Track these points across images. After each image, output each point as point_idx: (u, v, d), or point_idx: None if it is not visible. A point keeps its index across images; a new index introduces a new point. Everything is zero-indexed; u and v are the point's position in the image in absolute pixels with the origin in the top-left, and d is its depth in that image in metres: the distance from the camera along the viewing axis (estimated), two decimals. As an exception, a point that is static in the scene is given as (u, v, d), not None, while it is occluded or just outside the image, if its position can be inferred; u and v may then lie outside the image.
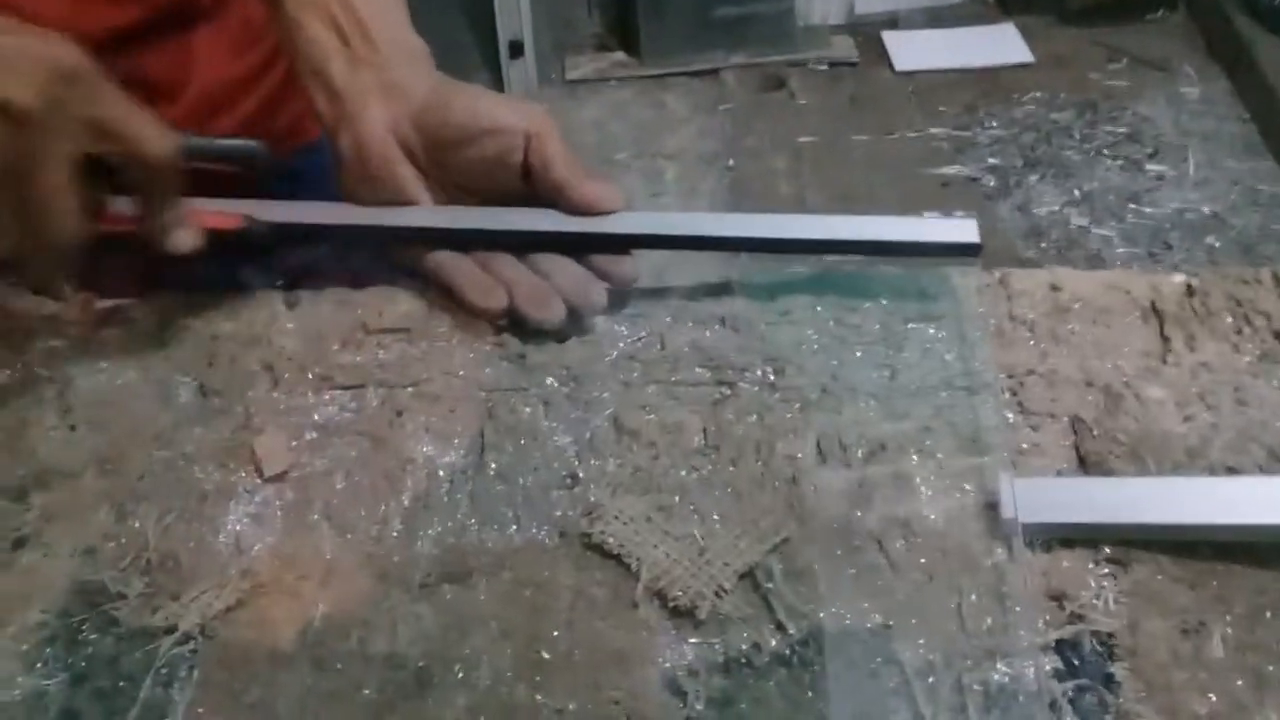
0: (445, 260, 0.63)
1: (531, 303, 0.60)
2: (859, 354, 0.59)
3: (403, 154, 0.63)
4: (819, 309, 0.62)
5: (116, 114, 0.54)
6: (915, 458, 0.53)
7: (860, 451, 0.54)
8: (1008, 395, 0.56)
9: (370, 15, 0.64)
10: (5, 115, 0.49)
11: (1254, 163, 2.50)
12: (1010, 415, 0.55)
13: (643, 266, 0.65)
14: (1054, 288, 0.62)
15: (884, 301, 0.62)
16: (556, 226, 0.62)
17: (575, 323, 0.61)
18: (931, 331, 0.60)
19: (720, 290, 0.64)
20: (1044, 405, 0.56)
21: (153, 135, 0.56)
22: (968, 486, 0.52)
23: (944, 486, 0.52)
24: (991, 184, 2.34)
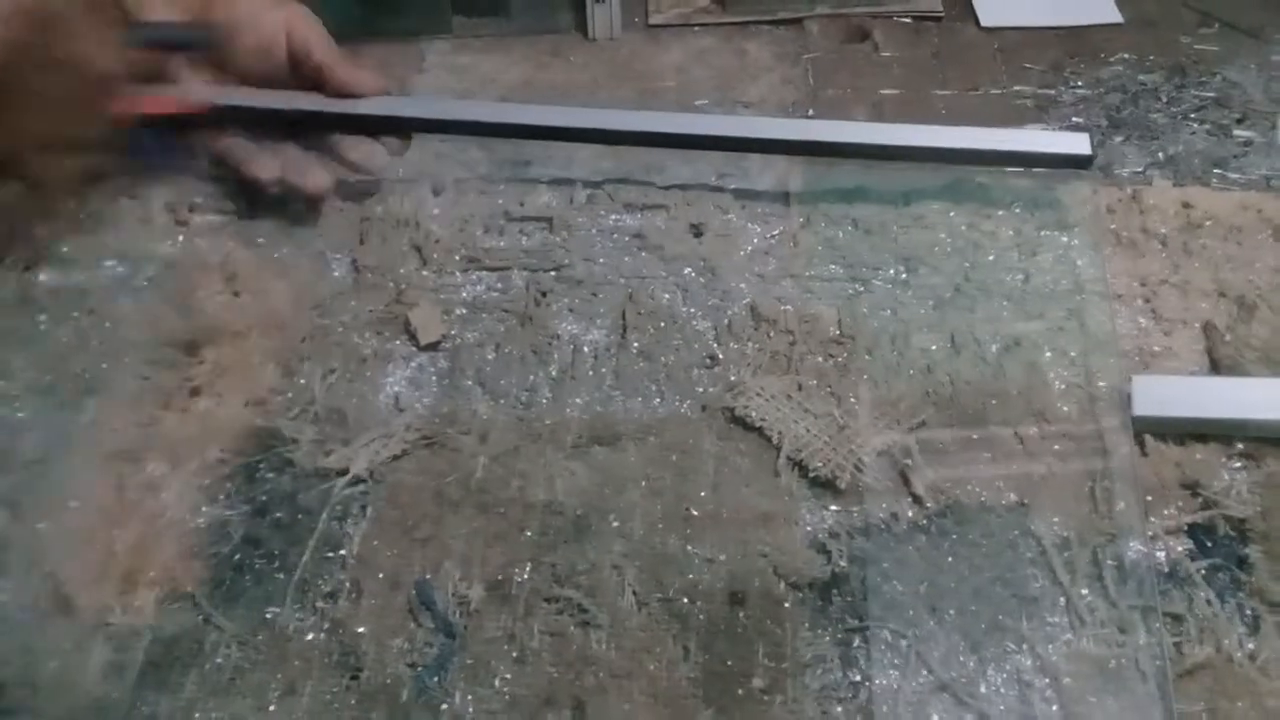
0: (226, 141, 0.66)
1: (298, 172, 0.64)
2: (992, 258, 0.60)
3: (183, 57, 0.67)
4: (952, 214, 0.63)
5: (81, 18, 0.58)
6: (1049, 354, 0.55)
7: (994, 347, 0.55)
8: (1140, 302, 0.58)
9: None
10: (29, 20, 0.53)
11: (1350, 132, 2.45)
12: (1142, 320, 0.57)
13: (776, 172, 0.66)
14: (1186, 204, 0.63)
15: (1016, 210, 0.63)
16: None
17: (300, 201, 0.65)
18: (1064, 239, 0.61)
19: (851, 195, 0.66)
20: (1176, 312, 0.57)
21: (108, 48, 0.60)
22: (1101, 383, 0.53)
23: (1077, 381, 0.53)
24: (1078, 143, 2.32)
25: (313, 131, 0.67)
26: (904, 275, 0.60)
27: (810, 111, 0.76)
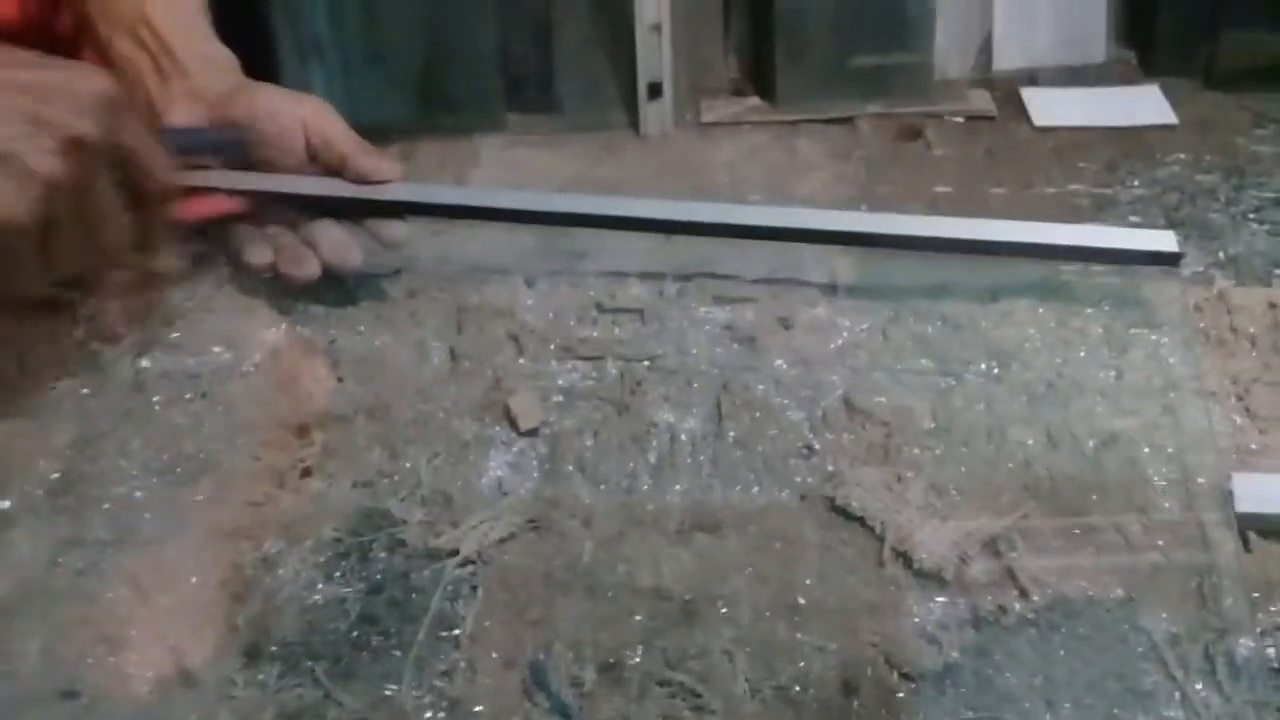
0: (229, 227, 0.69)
1: (289, 261, 0.67)
2: (1083, 354, 0.62)
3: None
4: (1040, 311, 0.64)
5: (140, 141, 0.60)
6: (1146, 449, 0.55)
7: (1091, 442, 0.56)
8: (1233, 400, 0.58)
9: (171, 35, 0.72)
10: (74, 151, 0.53)
11: (1407, 234, 2.44)
12: (1237, 419, 0.57)
13: (861, 267, 0.68)
14: (1272, 304, 0.64)
15: (1104, 307, 0.64)
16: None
17: (338, 279, 0.68)
18: (1154, 338, 0.62)
19: (938, 291, 0.67)
20: (1271, 410, 0.58)
21: (163, 163, 0.61)
22: (1200, 480, 0.54)
23: (1176, 478, 0.54)
24: (1132, 243, 2.33)
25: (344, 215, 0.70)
26: (995, 370, 0.61)
27: (864, 208, 0.78)
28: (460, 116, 0.98)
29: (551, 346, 0.66)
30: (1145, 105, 0.95)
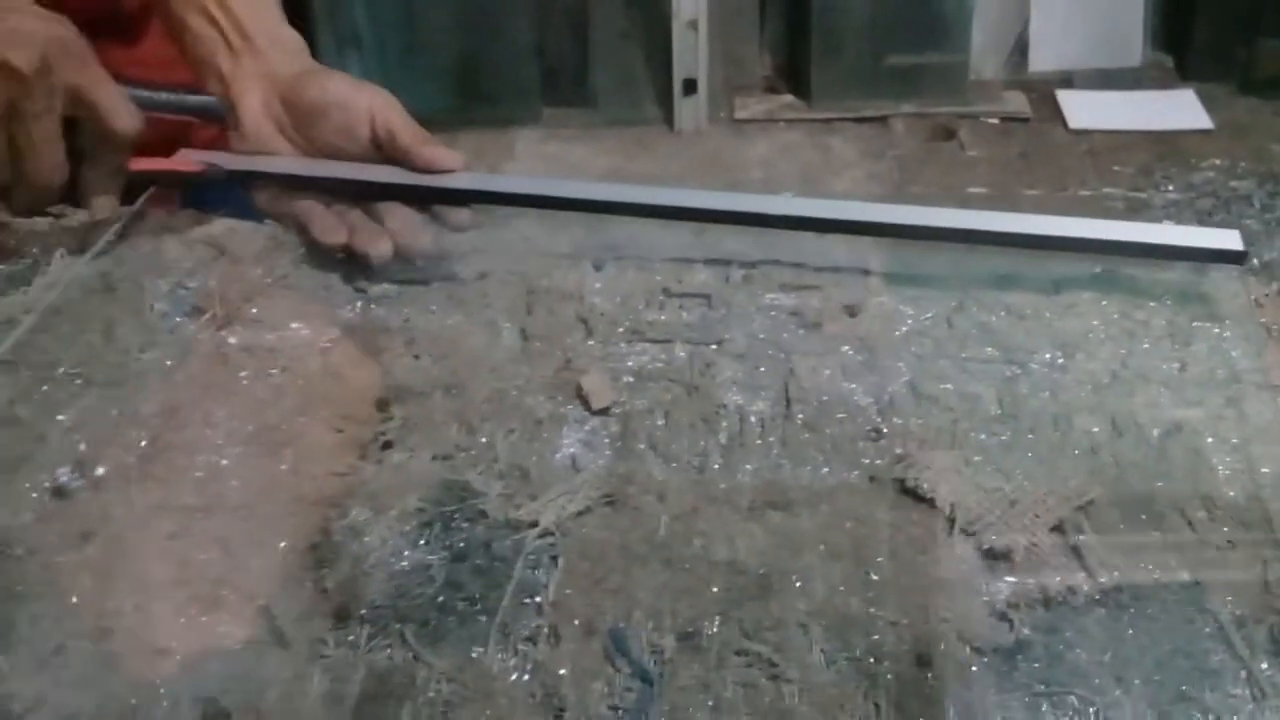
0: (300, 204, 0.72)
1: (364, 239, 0.69)
2: (1146, 346, 0.63)
3: (275, 128, 0.73)
4: (1104, 304, 0.65)
5: (96, 86, 0.67)
6: (1210, 440, 0.56)
7: (1156, 431, 0.57)
8: (1297, 393, 0.59)
9: (244, 14, 0.75)
10: (5, 73, 0.61)
11: None
12: (1301, 411, 0.58)
13: (926, 258, 0.70)
14: (1335, 301, 0.65)
15: (1167, 301, 0.65)
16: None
17: (407, 260, 0.70)
18: (1216, 331, 0.63)
19: (1002, 282, 0.68)
20: (1335, 404, 0.58)
21: (122, 111, 0.68)
22: (1265, 469, 0.55)
23: (1242, 469, 0.55)
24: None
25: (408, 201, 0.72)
26: (1060, 360, 0.62)
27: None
28: (496, 109, 0.99)
29: (620, 329, 0.67)
30: (1181, 109, 0.95)
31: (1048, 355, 0.62)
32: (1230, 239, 0.64)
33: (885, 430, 0.59)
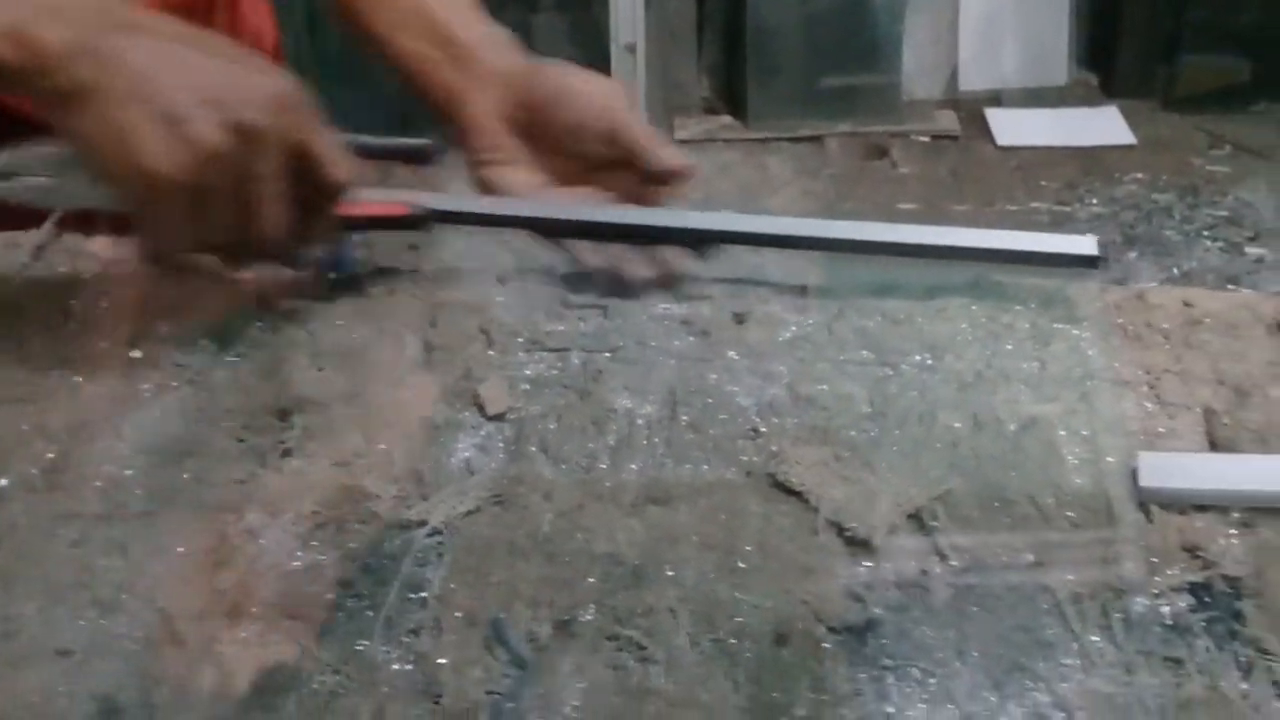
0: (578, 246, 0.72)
1: (629, 266, 0.70)
2: (1010, 347, 0.66)
3: (507, 128, 0.73)
4: (973, 308, 0.69)
5: (317, 138, 0.66)
6: (1063, 432, 0.60)
7: (1013, 425, 0.61)
8: (1145, 389, 0.63)
9: (450, 20, 0.76)
10: (239, 133, 0.60)
11: (1352, 251, 2.51)
12: (1148, 405, 0.62)
13: (810, 268, 0.74)
14: (1187, 304, 0.69)
15: (1031, 305, 0.69)
16: (661, 220, 0.72)
17: (670, 287, 0.70)
18: (1076, 332, 0.67)
19: (880, 290, 0.72)
20: (1179, 398, 0.63)
21: (341, 161, 0.67)
22: (1110, 459, 0.59)
23: (1089, 459, 0.59)
24: (1091, 258, 2.39)
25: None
26: (930, 361, 0.66)
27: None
28: (438, 131, 1.02)
29: (520, 339, 0.70)
30: (1105, 126, 1.00)
31: (918, 357, 0.66)
32: (1087, 245, 0.69)
33: (763, 429, 0.62)
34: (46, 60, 0.58)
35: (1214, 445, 0.59)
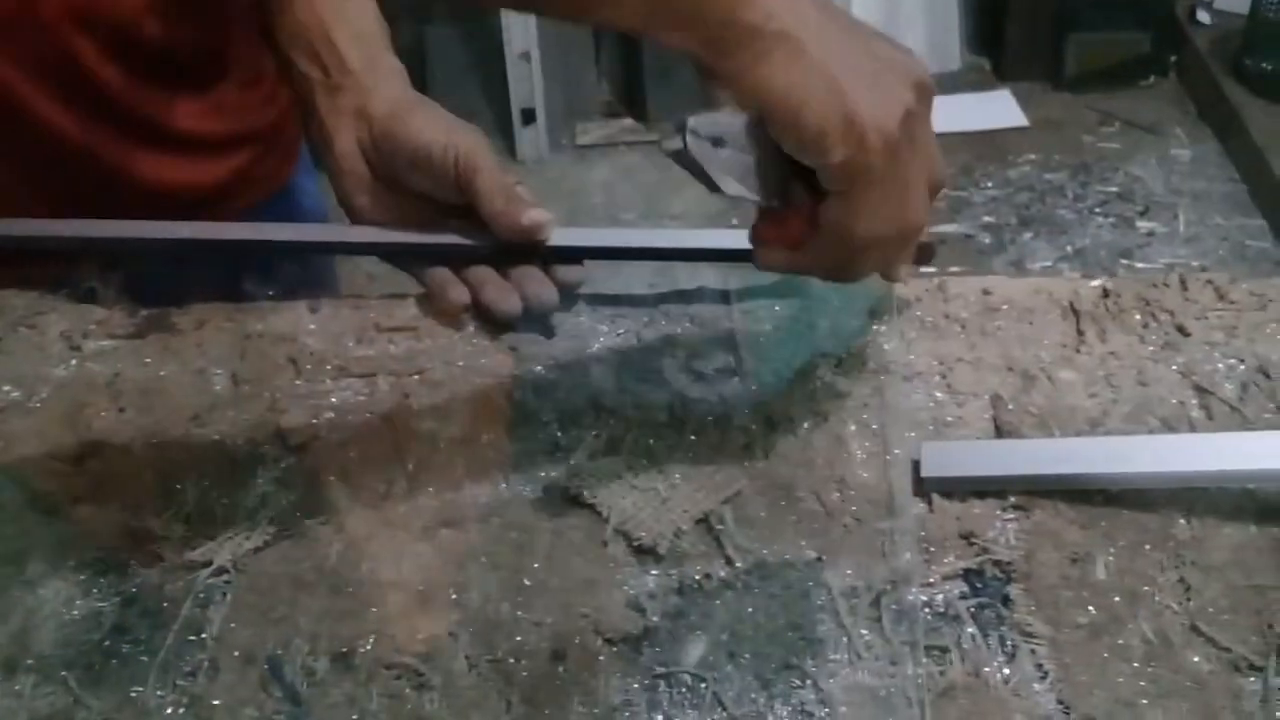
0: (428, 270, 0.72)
1: (492, 294, 0.69)
2: (810, 346, 0.67)
3: (365, 174, 0.73)
4: (777, 309, 0.70)
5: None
6: (853, 427, 0.61)
7: (807, 423, 0.62)
8: (938, 378, 0.64)
9: (346, 43, 0.74)
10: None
11: (1242, 220, 2.59)
12: (939, 395, 0.64)
13: (628, 277, 0.74)
14: (985, 291, 0.71)
15: (834, 303, 0.70)
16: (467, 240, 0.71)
17: (532, 318, 0.70)
18: (875, 328, 0.68)
19: (691, 296, 0.73)
20: (969, 386, 0.64)
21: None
22: (897, 451, 0.60)
23: (876, 451, 0.60)
24: (987, 241, 2.44)
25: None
26: (732, 364, 0.66)
27: (735, 221, 0.83)
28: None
29: (328, 367, 0.69)
30: (998, 109, 1.02)
31: (721, 362, 0.67)
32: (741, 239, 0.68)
33: (564, 445, 0.62)
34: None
35: (999, 430, 0.61)
